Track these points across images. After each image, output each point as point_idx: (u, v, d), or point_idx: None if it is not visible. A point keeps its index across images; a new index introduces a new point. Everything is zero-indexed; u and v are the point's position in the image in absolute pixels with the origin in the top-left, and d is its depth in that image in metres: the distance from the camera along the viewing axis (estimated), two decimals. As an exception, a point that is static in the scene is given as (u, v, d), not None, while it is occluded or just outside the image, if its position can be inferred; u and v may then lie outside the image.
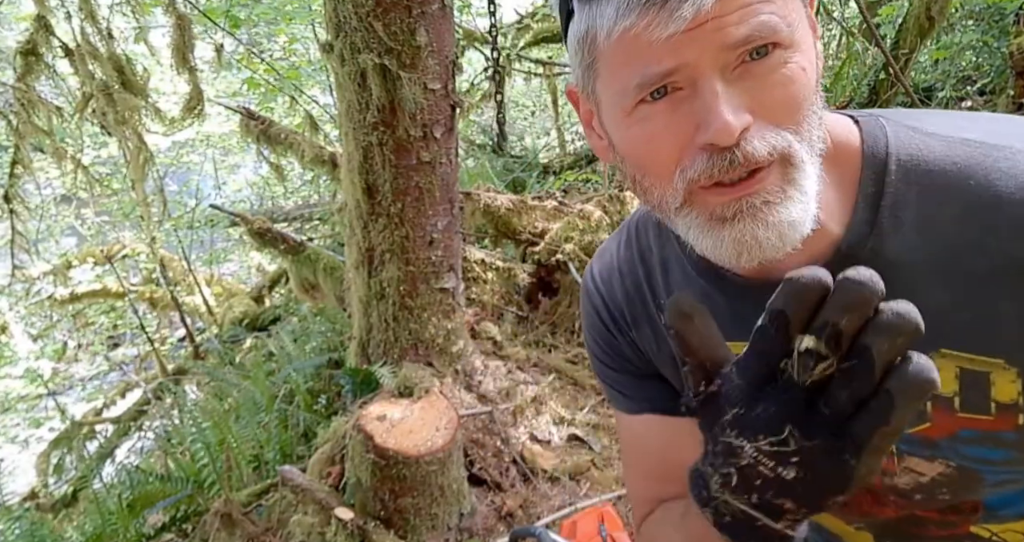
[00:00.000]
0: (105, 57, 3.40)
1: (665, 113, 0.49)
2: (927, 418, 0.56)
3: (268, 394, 2.69)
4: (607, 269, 0.74)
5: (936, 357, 0.53)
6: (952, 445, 0.56)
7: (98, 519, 2.31)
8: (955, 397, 0.54)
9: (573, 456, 2.32)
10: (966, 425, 0.55)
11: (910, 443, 0.58)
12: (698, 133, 0.48)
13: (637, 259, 0.71)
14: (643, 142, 0.52)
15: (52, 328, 6.79)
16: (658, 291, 0.69)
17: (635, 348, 0.72)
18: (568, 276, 3.11)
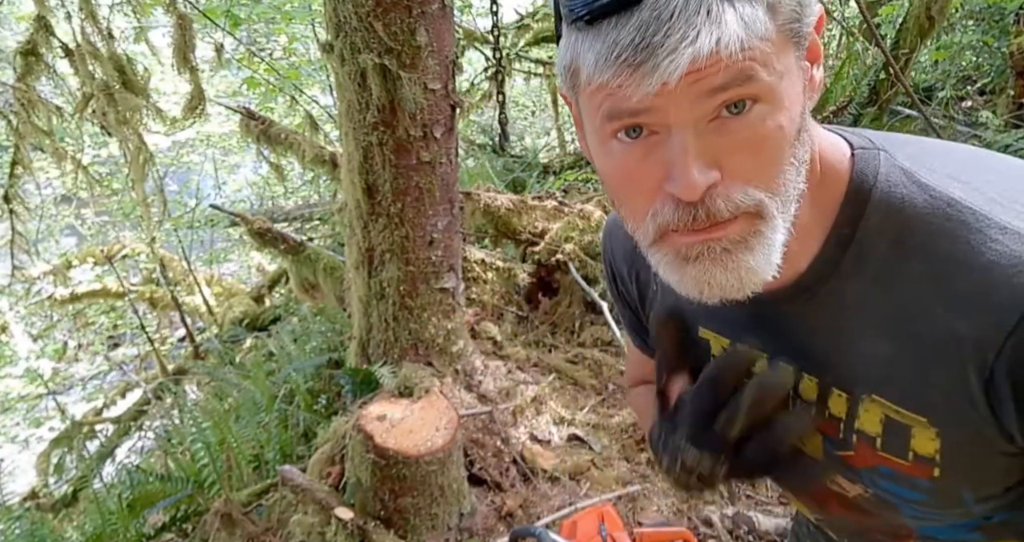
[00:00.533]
0: (105, 57, 3.40)
1: (638, 155, 0.50)
2: (851, 446, 0.59)
3: (268, 394, 2.69)
4: (615, 228, 0.80)
5: (867, 401, 0.56)
6: (871, 476, 0.59)
7: (98, 519, 2.31)
8: (877, 438, 0.57)
9: (573, 456, 2.32)
10: (884, 463, 0.57)
11: (836, 462, 0.61)
12: (666, 182, 0.49)
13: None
14: (618, 178, 0.53)
15: (52, 328, 6.79)
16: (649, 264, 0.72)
17: (625, 297, 0.82)
18: (568, 276, 3.11)
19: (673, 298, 0.66)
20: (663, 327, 0.67)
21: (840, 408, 0.58)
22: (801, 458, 0.62)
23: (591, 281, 3.05)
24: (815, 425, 0.60)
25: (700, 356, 0.69)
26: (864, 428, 0.57)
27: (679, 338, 0.67)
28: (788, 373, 0.55)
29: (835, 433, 0.60)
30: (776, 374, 0.55)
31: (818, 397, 0.59)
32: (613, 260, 0.81)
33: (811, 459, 0.63)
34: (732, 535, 1.96)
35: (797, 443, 0.62)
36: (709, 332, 0.68)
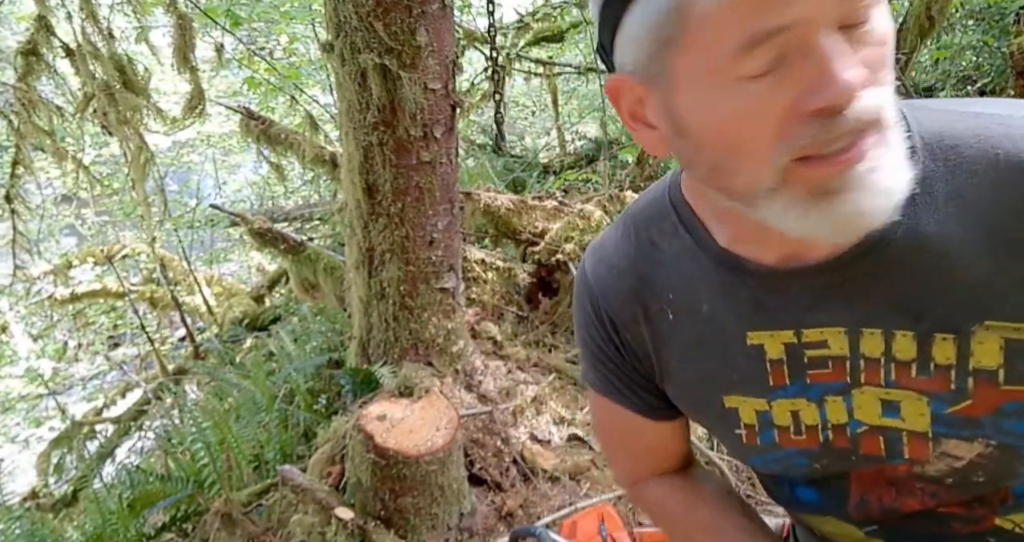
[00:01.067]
0: (106, 57, 3.40)
1: (766, 89, 0.46)
2: (968, 395, 0.54)
3: (268, 394, 2.69)
4: (603, 265, 0.71)
5: (980, 330, 0.52)
6: (995, 421, 0.54)
7: (98, 519, 2.31)
8: (999, 369, 0.53)
9: (573, 456, 2.32)
10: (1010, 398, 0.53)
11: (949, 424, 0.56)
12: (808, 97, 0.45)
13: (637, 255, 0.68)
14: (740, 117, 0.47)
15: (52, 328, 6.79)
16: (663, 288, 0.66)
17: (623, 349, 0.71)
18: (568, 276, 3.11)
19: (702, 322, 0.63)
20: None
21: (948, 353, 0.54)
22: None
23: (591, 281, 3.05)
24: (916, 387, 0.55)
25: (753, 369, 0.62)
26: (982, 364, 0.53)
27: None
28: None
29: (945, 386, 0.55)
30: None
31: (918, 351, 0.55)
32: (604, 306, 0.70)
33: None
34: (732, 535, 1.95)
35: (890, 425, 0.58)
36: (762, 333, 0.61)
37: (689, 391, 0.69)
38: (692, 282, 0.64)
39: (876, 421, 0.59)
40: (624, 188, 3.84)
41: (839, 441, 0.61)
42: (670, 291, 0.66)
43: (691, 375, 0.68)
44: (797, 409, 0.62)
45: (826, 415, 0.61)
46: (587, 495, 2.15)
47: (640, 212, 0.70)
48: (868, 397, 0.58)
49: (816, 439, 0.62)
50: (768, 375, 0.62)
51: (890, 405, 0.58)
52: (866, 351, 0.57)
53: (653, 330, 0.68)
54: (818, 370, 0.59)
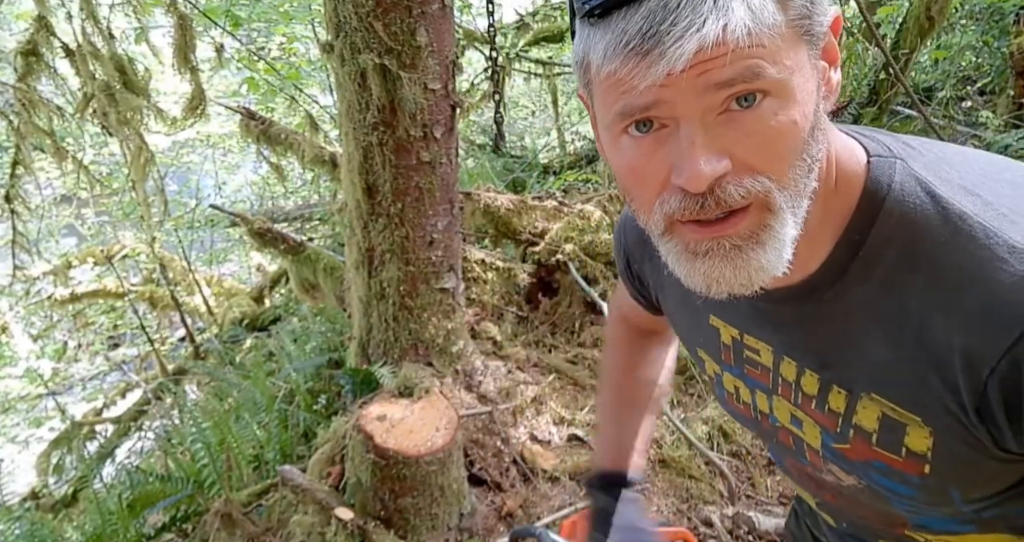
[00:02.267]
0: (106, 57, 3.40)
1: (647, 149, 0.50)
2: (848, 440, 0.61)
3: (268, 394, 2.69)
4: (627, 216, 0.85)
5: (865, 399, 0.58)
6: (865, 470, 0.61)
7: (98, 519, 2.30)
8: (874, 433, 0.59)
9: (573, 456, 2.32)
10: (878, 458, 0.59)
11: (833, 455, 0.64)
12: (672, 175, 0.50)
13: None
14: (627, 172, 0.54)
15: (52, 328, 6.79)
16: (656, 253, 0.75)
17: (635, 277, 0.86)
18: (568, 276, 3.11)
19: (682, 287, 0.67)
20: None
21: (839, 403, 0.60)
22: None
23: (591, 281, 3.06)
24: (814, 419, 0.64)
25: (712, 342, 0.73)
26: (861, 423, 0.59)
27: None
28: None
29: (833, 427, 0.62)
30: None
31: (818, 391, 0.62)
32: (627, 245, 0.85)
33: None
34: (732, 535, 1.96)
35: (796, 433, 0.67)
36: (719, 321, 0.71)
37: (676, 329, 0.84)
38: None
39: (787, 424, 0.68)
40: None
41: (763, 424, 0.72)
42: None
43: (677, 320, 0.81)
44: (737, 386, 0.73)
45: (756, 402, 0.71)
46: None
47: None
48: (782, 406, 0.67)
49: (750, 414, 0.73)
50: (720, 352, 0.73)
51: (796, 419, 0.66)
52: (784, 373, 0.65)
53: (653, 272, 0.80)
54: (751, 368, 0.69)
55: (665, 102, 0.47)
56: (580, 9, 0.50)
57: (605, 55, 0.48)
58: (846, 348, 0.58)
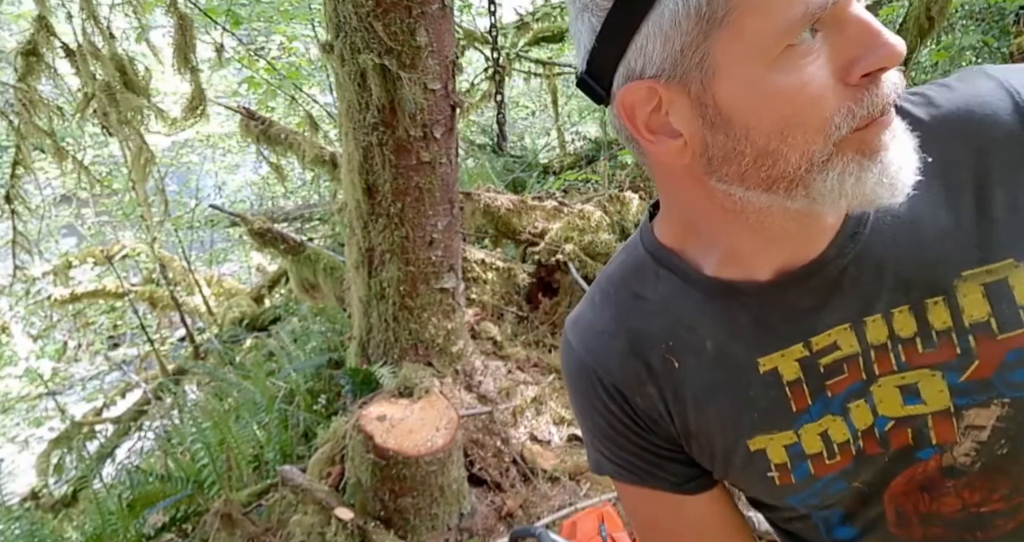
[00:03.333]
0: (107, 57, 3.40)
1: (815, 57, 0.47)
2: (973, 355, 0.55)
3: (268, 394, 2.70)
4: (590, 334, 0.68)
5: (960, 283, 0.55)
6: (1001, 376, 0.56)
7: (98, 519, 2.31)
8: (990, 319, 0.55)
9: (573, 456, 2.32)
10: (1009, 346, 0.55)
11: (965, 393, 0.57)
12: (861, 62, 0.47)
13: (622, 312, 0.66)
14: (795, 90, 0.47)
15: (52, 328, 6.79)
16: (659, 336, 0.64)
17: (638, 419, 0.67)
18: (568, 276, 3.11)
19: (714, 354, 0.62)
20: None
21: (943, 316, 0.56)
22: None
23: (591, 281, 3.05)
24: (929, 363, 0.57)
25: (774, 400, 0.61)
26: (974, 318, 0.55)
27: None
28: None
29: (952, 353, 0.56)
30: None
31: (917, 323, 0.56)
32: (605, 377, 0.66)
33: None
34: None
35: (913, 412, 0.58)
36: (773, 355, 0.60)
37: (711, 442, 0.65)
38: (688, 321, 0.63)
39: (899, 412, 0.59)
40: (624, 188, 3.84)
41: (870, 447, 0.61)
42: (668, 337, 0.64)
43: (709, 424, 0.64)
44: (825, 428, 0.61)
45: (853, 424, 0.60)
46: (587, 495, 2.15)
47: (612, 274, 0.69)
48: (887, 389, 0.58)
49: (849, 454, 0.61)
50: (790, 401, 0.60)
51: (909, 390, 0.58)
52: (873, 340, 0.57)
53: (661, 385, 0.65)
54: (835, 378, 0.59)
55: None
56: None
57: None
58: (914, 250, 0.56)
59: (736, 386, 0.62)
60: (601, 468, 0.72)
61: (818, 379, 0.59)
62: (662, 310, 0.64)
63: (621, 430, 0.68)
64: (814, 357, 0.59)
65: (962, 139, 0.55)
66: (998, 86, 0.56)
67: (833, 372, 0.59)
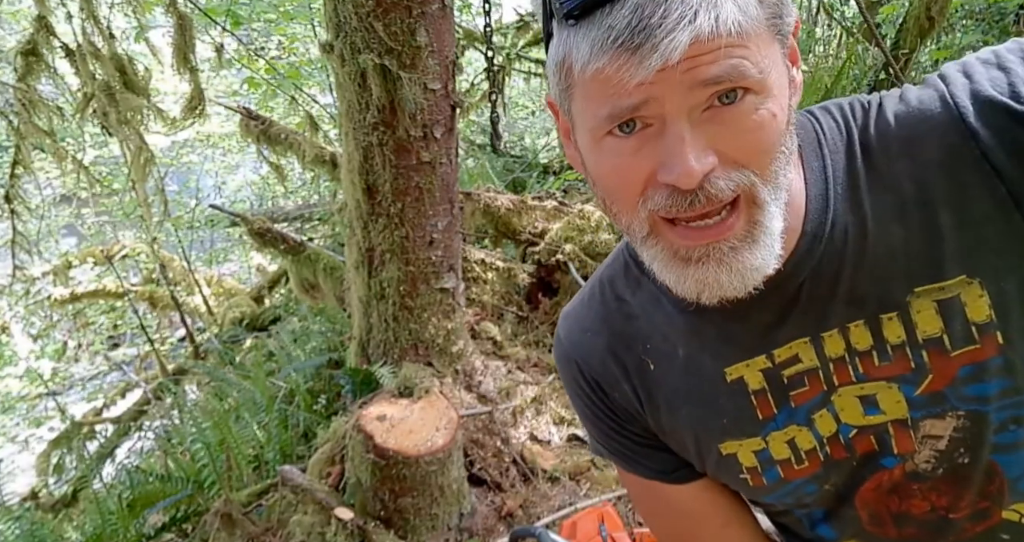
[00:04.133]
0: (106, 57, 3.40)
1: (632, 149, 0.50)
2: (927, 369, 0.57)
3: (268, 394, 2.69)
4: (576, 328, 0.73)
5: (914, 301, 0.56)
6: (955, 391, 0.57)
7: (98, 519, 2.31)
8: (943, 335, 0.56)
9: (573, 456, 2.32)
10: (962, 362, 0.56)
11: (921, 406, 0.58)
12: (661, 172, 0.49)
13: (606, 312, 0.70)
14: (610, 172, 0.53)
15: (52, 328, 6.79)
16: (637, 338, 0.68)
17: (617, 411, 0.71)
18: (568, 276, 3.11)
19: (685, 361, 0.64)
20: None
21: (898, 330, 0.57)
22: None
23: (591, 281, 3.05)
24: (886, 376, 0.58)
25: (741, 407, 0.63)
26: (927, 333, 0.56)
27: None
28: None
29: (907, 367, 0.57)
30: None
31: (873, 337, 0.58)
32: (587, 370, 0.71)
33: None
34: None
35: (874, 422, 0.59)
36: (738, 365, 0.62)
37: (686, 442, 0.69)
38: (662, 328, 0.66)
39: (861, 421, 0.61)
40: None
41: (836, 452, 0.63)
42: (645, 341, 0.67)
43: (683, 425, 0.68)
44: (791, 437, 0.63)
45: (818, 432, 0.62)
46: (587, 495, 2.15)
47: (603, 275, 0.72)
48: (847, 398, 0.60)
49: (818, 460, 0.64)
50: (755, 409, 0.63)
51: (868, 400, 0.60)
52: (831, 353, 0.59)
53: (636, 385, 0.68)
54: (798, 390, 0.61)
55: (654, 100, 0.47)
56: (559, 10, 0.49)
57: (592, 53, 0.47)
58: (868, 266, 0.57)
59: (706, 393, 0.65)
60: (597, 450, 0.77)
61: (782, 390, 0.62)
62: (641, 315, 0.67)
63: (604, 419, 0.72)
64: (777, 369, 0.61)
65: (907, 156, 0.56)
66: (943, 100, 0.56)
67: (796, 384, 0.61)
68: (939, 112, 0.55)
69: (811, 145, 0.60)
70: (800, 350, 0.60)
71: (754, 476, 0.66)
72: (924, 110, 0.56)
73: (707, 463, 0.69)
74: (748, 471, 0.66)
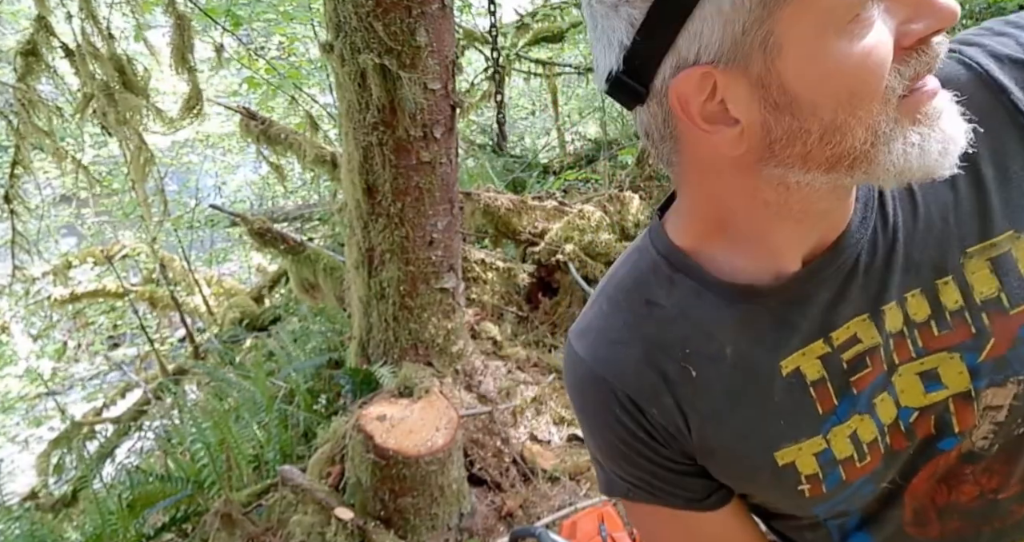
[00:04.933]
0: (106, 57, 3.40)
1: (876, 22, 0.46)
2: (988, 333, 0.55)
3: (268, 394, 2.69)
4: (601, 344, 0.64)
5: (966, 260, 0.54)
6: (1016, 353, 0.55)
7: (98, 519, 2.31)
8: (1000, 294, 0.54)
9: (573, 456, 2.32)
10: (1021, 321, 0.54)
11: (984, 373, 0.56)
12: (917, 24, 0.46)
13: (635, 320, 0.63)
14: (861, 57, 0.46)
15: (52, 328, 6.79)
16: (676, 343, 0.61)
17: (655, 432, 0.63)
18: (568, 276, 3.11)
19: (729, 355, 0.60)
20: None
21: (955, 295, 0.55)
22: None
23: (591, 281, 3.06)
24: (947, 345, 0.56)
25: (800, 404, 0.59)
26: (984, 294, 0.55)
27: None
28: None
29: (967, 333, 0.55)
30: None
31: (930, 306, 0.55)
32: (619, 388, 0.62)
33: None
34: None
35: (935, 399, 0.57)
36: (795, 355, 0.58)
37: (733, 458, 0.62)
38: (706, 326, 0.60)
39: (922, 401, 0.57)
40: (624, 188, 3.84)
41: (897, 442, 0.59)
42: (685, 345, 0.61)
43: (732, 436, 0.61)
44: (854, 429, 0.59)
45: (880, 420, 0.58)
46: (587, 495, 2.15)
47: (620, 281, 0.66)
48: (907, 377, 0.57)
49: (879, 453, 0.60)
50: (815, 403, 0.58)
51: (929, 376, 0.57)
52: (891, 328, 0.56)
53: (678, 396, 0.61)
54: (859, 373, 0.58)
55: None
56: None
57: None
58: (920, 229, 0.55)
59: (759, 393, 0.59)
60: (613, 488, 0.69)
61: (842, 376, 0.58)
62: (678, 316, 0.61)
63: (635, 446, 0.64)
64: (836, 353, 0.57)
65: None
66: (963, 63, 0.55)
67: (856, 367, 0.57)
68: (964, 74, 0.55)
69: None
70: (859, 329, 0.57)
71: (814, 485, 0.60)
72: (949, 75, 0.55)
73: (757, 481, 0.63)
74: (808, 480, 0.60)
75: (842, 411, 0.59)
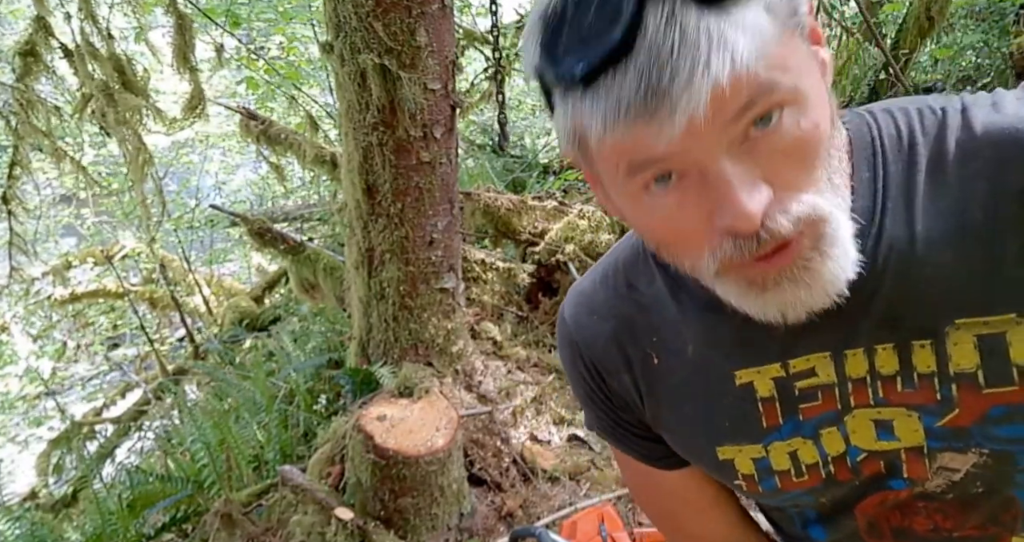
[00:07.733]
0: (105, 57, 3.40)
1: (676, 202, 0.47)
2: (954, 404, 0.53)
3: (268, 394, 2.69)
4: (583, 310, 0.69)
5: (953, 330, 0.52)
6: (982, 429, 0.54)
7: (98, 519, 2.31)
8: (978, 371, 0.52)
9: (573, 456, 2.32)
10: (993, 402, 0.52)
11: (942, 437, 0.55)
12: (716, 218, 0.46)
13: (617, 298, 0.67)
14: (659, 227, 0.50)
15: (52, 328, 6.79)
16: (646, 330, 0.65)
17: (613, 397, 0.69)
18: (568, 276, 3.11)
19: (693, 359, 0.62)
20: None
21: (928, 360, 0.53)
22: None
23: (591, 281, 3.05)
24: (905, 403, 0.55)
25: (744, 414, 0.61)
26: (961, 367, 0.52)
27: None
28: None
29: (931, 397, 0.54)
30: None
31: (900, 363, 0.54)
32: (587, 354, 0.68)
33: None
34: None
35: (887, 448, 0.56)
36: (749, 371, 0.60)
37: (682, 440, 0.67)
38: (675, 324, 0.63)
39: (872, 445, 0.57)
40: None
41: (841, 474, 0.60)
42: (653, 333, 0.64)
43: (681, 422, 0.65)
44: (795, 448, 0.60)
45: (824, 449, 0.59)
46: (587, 495, 2.15)
47: (619, 255, 0.69)
48: (861, 421, 0.57)
49: (819, 476, 0.61)
50: (761, 416, 0.60)
51: (883, 425, 0.56)
52: (852, 373, 0.56)
53: (638, 376, 0.66)
54: (809, 403, 0.58)
55: (683, 151, 0.44)
56: (556, 82, 0.45)
57: (605, 127, 0.43)
58: (909, 287, 0.53)
59: (711, 392, 0.62)
60: (591, 425, 0.75)
61: (792, 401, 0.59)
62: (652, 306, 0.64)
63: (599, 402, 0.70)
64: (790, 379, 0.58)
65: (986, 179, 0.51)
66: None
67: (808, 397, 0.58)
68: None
69: (863, 151, 0.55)
70: (817, 364, 0.57)
71: (750, 483, 0.64)
72: (1018, 130, 0.50)
73: (703, 464, 0.67)
74: (744, 478, 0.64)
75: (786, 430, 0.60)
